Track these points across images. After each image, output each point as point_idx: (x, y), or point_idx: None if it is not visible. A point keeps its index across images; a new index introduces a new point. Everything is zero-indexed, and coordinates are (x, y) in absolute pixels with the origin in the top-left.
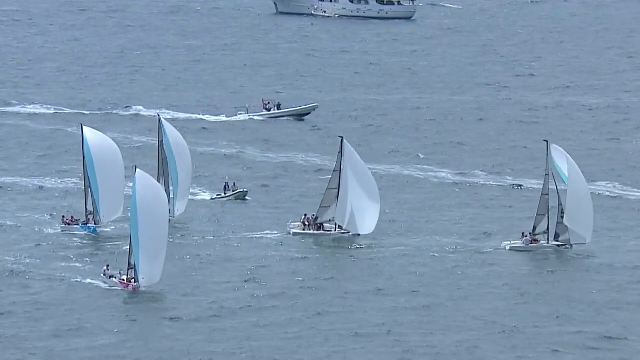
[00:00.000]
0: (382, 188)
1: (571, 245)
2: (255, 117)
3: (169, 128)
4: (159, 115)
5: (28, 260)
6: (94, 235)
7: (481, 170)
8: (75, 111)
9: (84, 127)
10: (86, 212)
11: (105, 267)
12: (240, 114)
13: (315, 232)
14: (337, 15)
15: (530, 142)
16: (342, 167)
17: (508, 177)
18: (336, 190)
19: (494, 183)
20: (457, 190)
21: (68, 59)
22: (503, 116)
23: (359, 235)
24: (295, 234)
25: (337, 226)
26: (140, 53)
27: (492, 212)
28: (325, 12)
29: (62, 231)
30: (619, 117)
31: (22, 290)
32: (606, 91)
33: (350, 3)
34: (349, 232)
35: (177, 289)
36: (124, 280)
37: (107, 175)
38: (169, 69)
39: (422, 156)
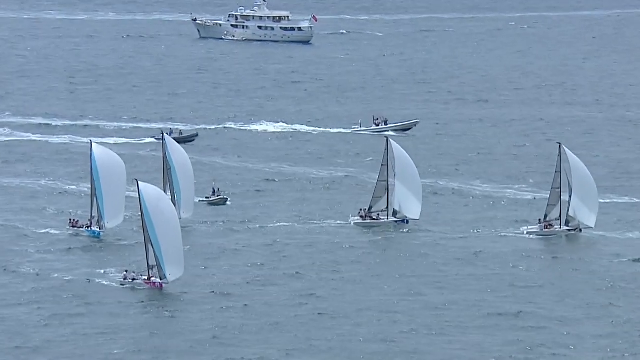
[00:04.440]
0: None
1: (581, 230)
2: (366, 131)
3: (170, 143)
4: (162, 132)
5: (41, 259)
6: (98, 238)
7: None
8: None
9: (93, 142)
10: (91, 217)
11: (125, 272)
12: (354, 127)
13: (373, 220)
14: (243, 39)
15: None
16: (389, 162)
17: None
18: (385, 182)
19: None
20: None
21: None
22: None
23: (407, 222)
24: (356, 223)
25: (388, 215)
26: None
27: (512, 206)
28: (234, 36)
29: (69, 233)
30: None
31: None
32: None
33: (258, 29)
34: (402, 221)
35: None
36: (146, 279)
37: (112, 186)
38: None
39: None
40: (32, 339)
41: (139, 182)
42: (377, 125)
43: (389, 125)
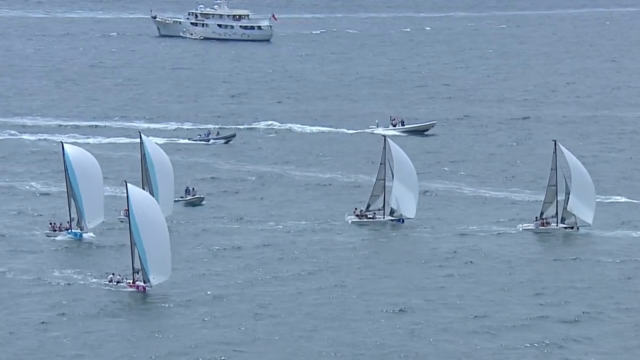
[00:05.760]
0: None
1: (578, 227)
2: (383, 132)
3: (148, 143)
4: (139, 133)
5: (25, 267)
6: (79, 240)
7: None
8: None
9: (64, 144)
10: (70, 219)
11: (111, 275)
12: (371, 127)
13: (369, 219)
14: (202, 37)
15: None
16: (386, 160)
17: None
18: (383, 181)
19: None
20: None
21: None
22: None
23: (403, 221)
24: (353, 222)
25: (384, 214)
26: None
27: (507, 203)
28: (192, 34)
29: (48, 236)
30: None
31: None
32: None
33: (218, 27)
34: (398, 220)
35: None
36: (130, 282)
37: (90, 186)
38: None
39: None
40: (11, 345)
41: (128, 184)
42: (394, 126)
43: (405, 127)
